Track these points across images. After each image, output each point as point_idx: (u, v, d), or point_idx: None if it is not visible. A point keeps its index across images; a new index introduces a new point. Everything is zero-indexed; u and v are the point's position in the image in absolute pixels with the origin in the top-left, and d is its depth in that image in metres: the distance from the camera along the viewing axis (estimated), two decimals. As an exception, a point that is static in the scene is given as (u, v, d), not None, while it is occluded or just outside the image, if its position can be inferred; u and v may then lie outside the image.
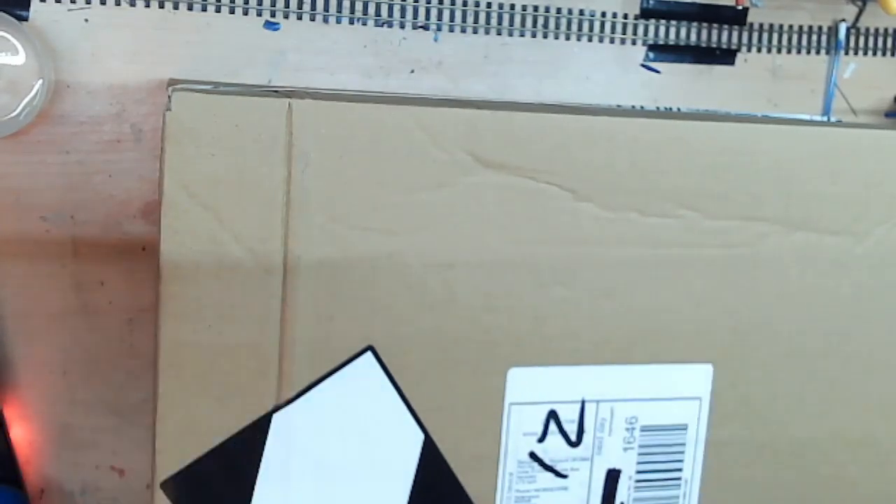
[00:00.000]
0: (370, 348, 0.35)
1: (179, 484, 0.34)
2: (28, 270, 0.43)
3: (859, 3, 0.54)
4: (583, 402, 0.38)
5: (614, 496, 0.39)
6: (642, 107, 0.51)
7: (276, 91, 0.37)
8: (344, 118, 0.34)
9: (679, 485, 0.40)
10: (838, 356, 0.41)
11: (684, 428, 0.39)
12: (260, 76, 0.45)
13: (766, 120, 0.44)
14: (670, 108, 0.51)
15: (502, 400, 0.37)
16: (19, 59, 0.41)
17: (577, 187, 0.36)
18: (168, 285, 0.33)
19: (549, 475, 0.38)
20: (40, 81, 0.41)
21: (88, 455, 0.45)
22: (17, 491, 0.43)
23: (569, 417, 0.38)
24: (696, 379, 0.39)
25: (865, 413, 0.41)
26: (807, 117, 0.51)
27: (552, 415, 0.38)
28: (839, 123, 0.48)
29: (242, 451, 0.35)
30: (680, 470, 0.39)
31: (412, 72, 0.47)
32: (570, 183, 0.36)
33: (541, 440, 0.38)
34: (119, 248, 0.44)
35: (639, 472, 0.39)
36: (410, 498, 0.37)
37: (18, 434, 0.44)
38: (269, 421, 0.35)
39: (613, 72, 0.51)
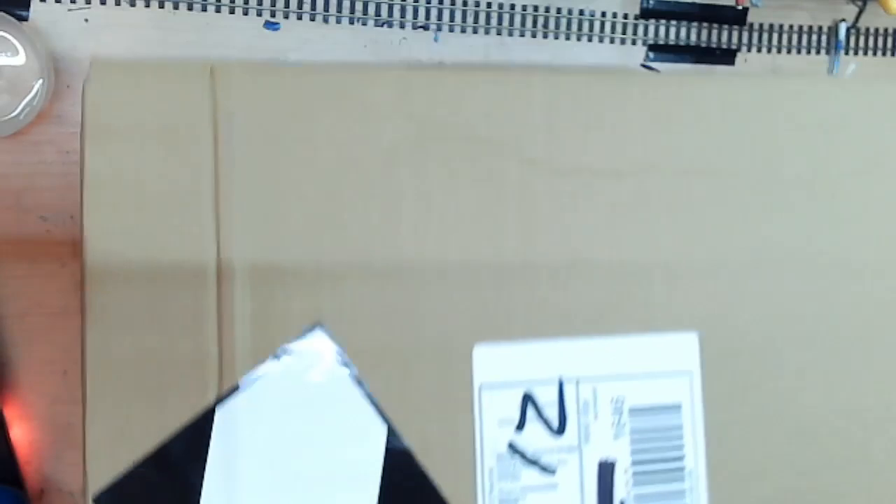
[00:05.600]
0: (319, 325, 0.32)
1: (115, 497, 0.30)
2: (28, 270, 0.43)
3: (859, 3, 0.54)
4: (560, 381, 0.34)
5: (612, 493, 0.35)
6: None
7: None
8: (271, 83, 0.31)
9: (683, 476, 0.35)
10: (840, 321, 0.37)
11: (678, 408, 0.35)
12: (260, 76, 0.45)
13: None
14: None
15: (471, 382, 0.33)
16: (19, 59, 0.41)
17: (526, 149, 0.34)
18: (93, 265, 0.31)
19: (535, 471, 0.34)
20: (40, 81, 0.41)
21: (88, 455, 0.45)
22: (17, 491, 0.43)
23: (547, 400, 0.34)
24: (683, 350, 0.35)
25: (879, 382, 0.37)
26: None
27: (528, 398, 0.34)
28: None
29: (184, 454, 0.31)
30: (681, 458, 0.35)
31: (412, 72, 0.47)
32: (520, 148, 0.34)
33: (519, 428, 0.34)
34: (119, 248, 0.44)
35: (635, 462, 0.35)
36: (380, 497, 0.33)
37: (18, 434, 0.44)
38: (212, 416, 0.31)
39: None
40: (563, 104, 0.34)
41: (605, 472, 0.35)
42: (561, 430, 0.34)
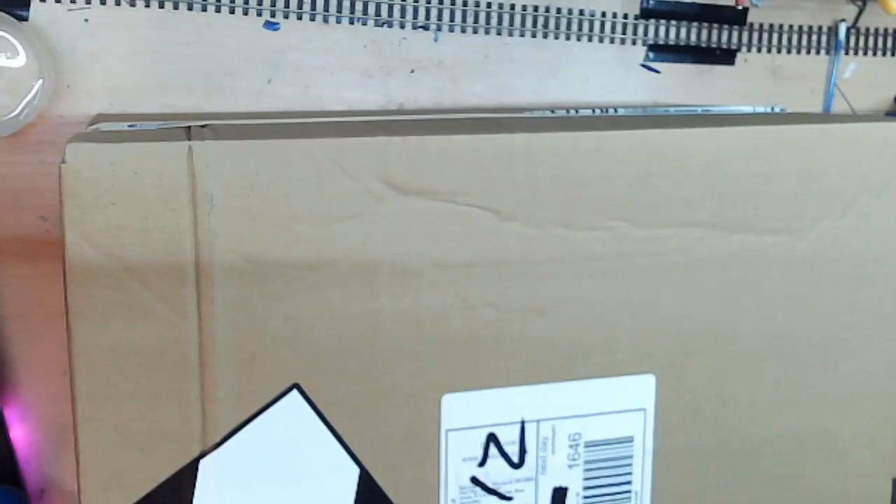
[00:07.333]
0: (296, 386, 0.34)
1: None
2: (28, 270, 0.43)
3: (859, 3, 0.54)
4: (522, 423, 0.37)
5: None
6: (577, 110, 0.50)
7: (186, 127, 0.36)
8: (247, 156, 0.33)
9: (629, 497, 0.39)
10: (785, 355, 0.40)
11: (630, 440, 0.39)
12: (260, 76, 0.45)
13: (696, 120, 0.42)
14: (614, 110, 0.50)
15: (438, 427, 0.36)
16: (19, 59, 0.41)
17: (500, 207, 0.35)
18: (79, 337, 0.33)
19: (493, 498, 0.37)
20: (40, 81, 0.41)
21: (88, 455, 0.45)
22: (17, 491, 0.43)
23: (509, 439, 0.37)
24: (639, 390, 0.38)
25: (817, 410, 0.41)
26: (748, 109, 0.50)
27: (491, 438, 0.37)
28: (773, 116, 0.47)
29: (171, 501, 0.34)
30: (629, 483, 0.39)
31: (412, 72, 0.47)
32: (493, 203, 0.35)
33: (481, 464, 0.37)
34: (119, 248, 0.44)
35: (586, 487, 0.38)
36: None
37: (18, 434, 0.44)
38: (196, 467, 0.34)
39: (613, 72, 0.51)
40: (543, 162, 0.36)
41: (558, 496, 0.38)
42: (520, 464, 0.38)
